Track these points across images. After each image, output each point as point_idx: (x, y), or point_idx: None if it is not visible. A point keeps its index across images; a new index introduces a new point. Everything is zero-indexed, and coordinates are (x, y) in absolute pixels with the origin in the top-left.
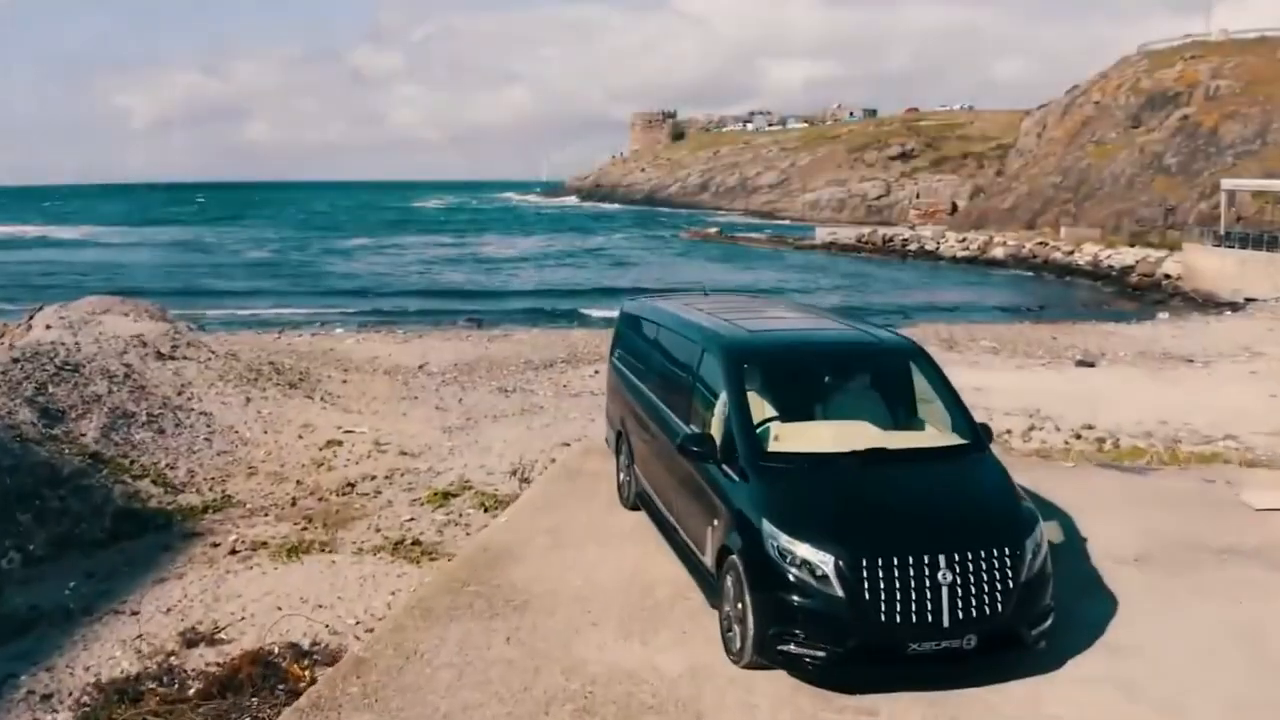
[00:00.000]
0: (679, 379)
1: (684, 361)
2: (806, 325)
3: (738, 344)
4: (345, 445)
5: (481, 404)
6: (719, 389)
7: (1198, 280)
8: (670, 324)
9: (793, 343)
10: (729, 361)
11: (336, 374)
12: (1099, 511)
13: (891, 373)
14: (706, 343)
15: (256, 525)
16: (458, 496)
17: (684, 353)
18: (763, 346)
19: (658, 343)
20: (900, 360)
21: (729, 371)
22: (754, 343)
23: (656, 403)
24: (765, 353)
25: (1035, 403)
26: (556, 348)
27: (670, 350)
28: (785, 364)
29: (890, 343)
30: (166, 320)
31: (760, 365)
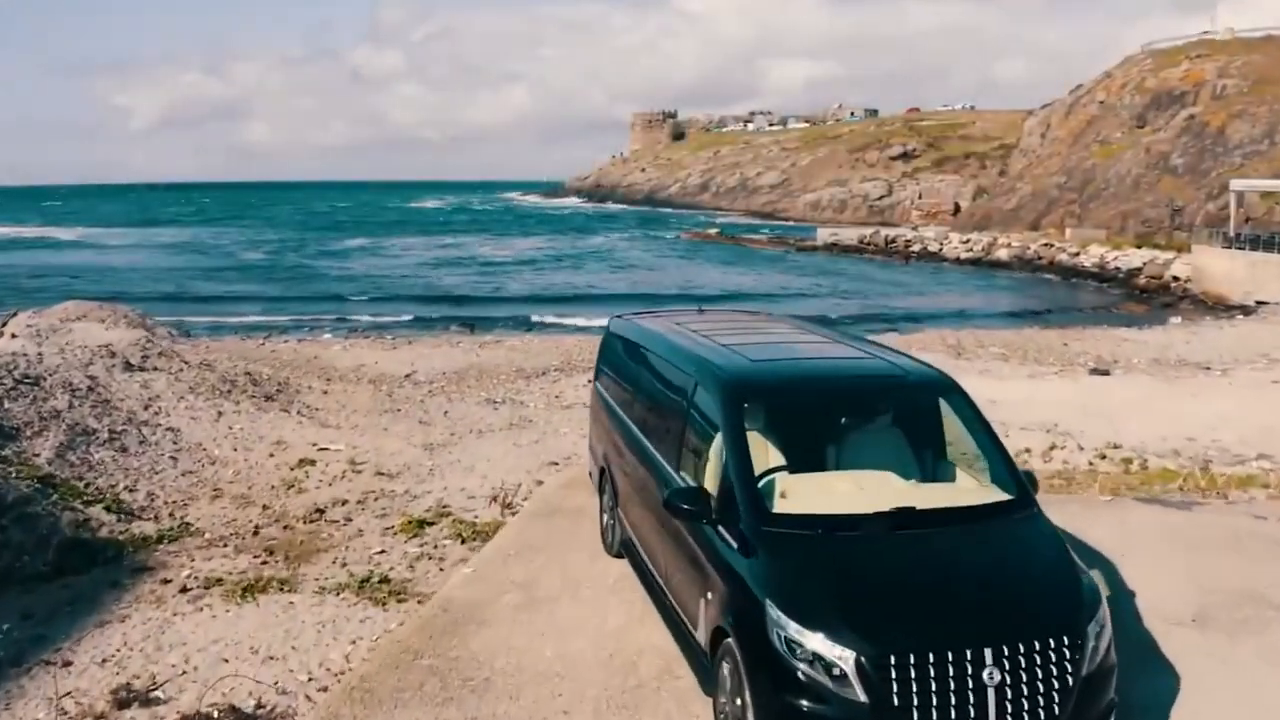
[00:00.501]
0: (668, 415)
1: (674, 395)
2: (818, 352)
3: (737, 377)
4: (319, 465)
5: (468, 417)
6: (714, 431)
7: (1207, 283)
8: (659, 349)
9: (803, 375)
10: (727, 398)
11: (318, 384)
12: (1145, 557)
13: (919, 411)
14: (700, 374)
15: (213, 558)
16: (434, 525)
17: (674, 384)
18: (767, 380)
19: (645, 369)
20: (929, 396)
21: (727, 410)
22: (756, 375)
23: (642, 441)
24: (770, 388)
25: (1052, 416)
26: (550, 355)
27: (659, 380)
28: (794, 401)
29: (918, 375)
30: (145, 327)
31: (764, 403)
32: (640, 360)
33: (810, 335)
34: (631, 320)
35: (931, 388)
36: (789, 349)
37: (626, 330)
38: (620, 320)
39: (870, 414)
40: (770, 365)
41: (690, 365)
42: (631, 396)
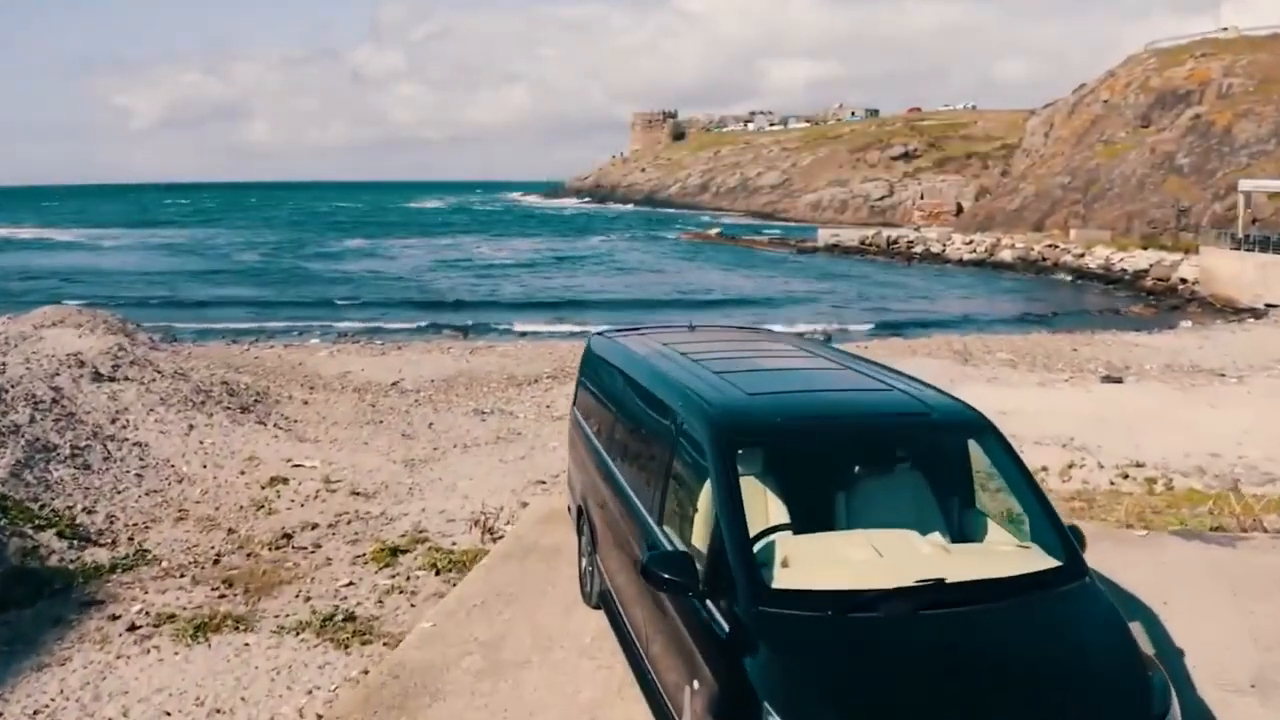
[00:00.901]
0: (651, 456)
1: (658, 432)
2: (826, 382)
3: (730, 416)
4: (291, 484)
5: (454, 429)
6: (702, 479)
7: (1216, 285)
8: (642, 375)
9: (808, 413)
10: (718, 442)
11: (299, 393)
12: (1190, 605)
13: (945, 455)
14: (687, 410)
15: (168, 590)
16: (408, 553)
17: (658, 419)
18: (765, 419)
19: (626, 398)
20: (957, 437)
21: (718, 457)
22: (753, 414)
23: (621, 483)
24: (769, 429)
25: (1067, 429)
26: (542, 361)
27: (641, 412)
28: (798, 446)
29: (944, 412)
30: (124, 333)
31: (762, 447)
32: (621, 387)
33: (816, 360)
34: (613, 339)
35: (960, 427)
36: (792, 378)
37: (607, 350)
38: (601, 338)
39: (889, 459)
40: (769, 400)
41: (676, 398)
42: (610, 429)
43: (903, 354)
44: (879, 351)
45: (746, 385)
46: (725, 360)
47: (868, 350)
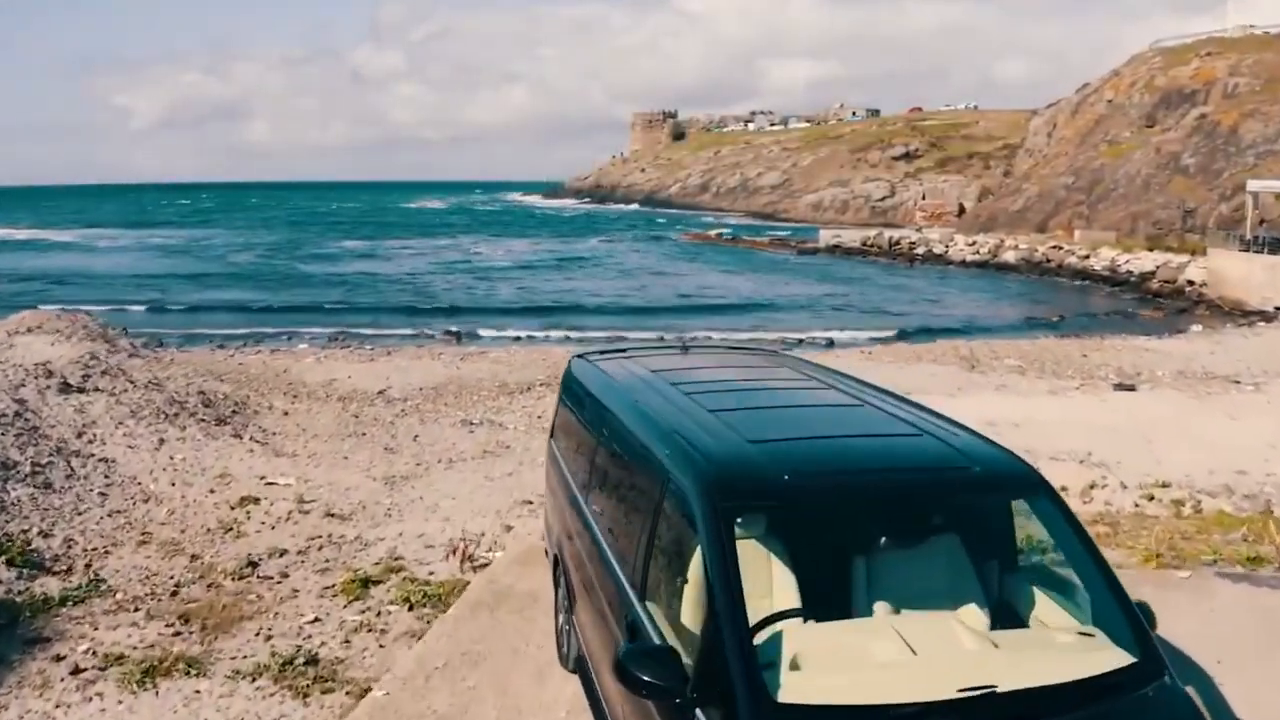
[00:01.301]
0: (632, 512)
1: (640, 483)
2: (843, 424)
3: (727, 471)
4: (263, 504)
5: (440, 442)
6: (693, 548)
7: (1224, 287)
8: (624, 411)
9: (824, 467)
10: (712, 506)
11: (281, 402)
12: (1248, 665)
13: (989, 517)
14: (675, 460)
15: (120, 626)
16: (381, 584)
17: (640, 468)
18: (771, 477)
19: (605, 437)
20: (1002, 495)
21: (712, 525)
22: (755, 468)
23: (600, 540)
24: (775, 489)
25: (1083, 442)
26: (535, 368)
27: (622, 457)
28: (811, 510)
29: (988, 465)
30: (105, 339)
31: (767, 513)
32: (601, 423)
33: (829, 392)
34: (595, 363)
35: (1008, 484)
36: (801, 418)
37: (588, 377)
38: (581, 362)
39: (921, 525)
40: (775, 450)
41: (662, 444)
42: (588, 472)
43: (908, 360)
44: (883, 357)
45: (747, 428)
46: (722, 393)
47: (871, 357)
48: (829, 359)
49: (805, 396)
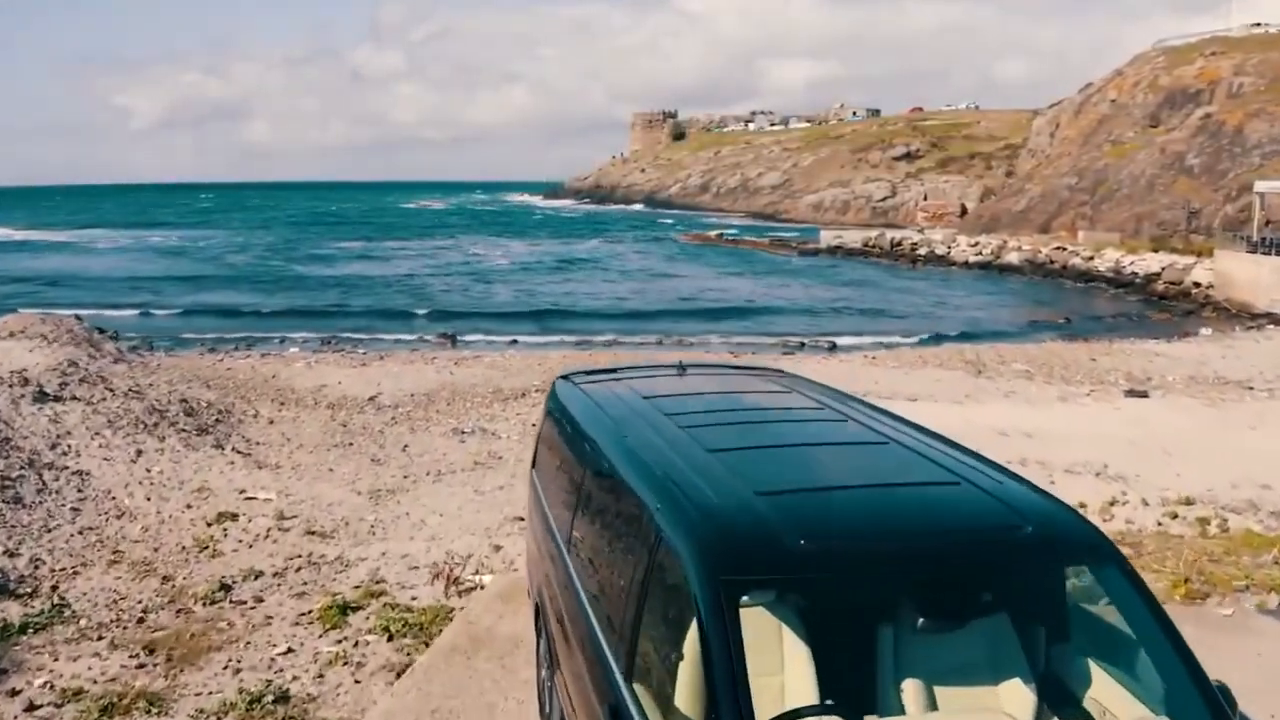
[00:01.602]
0: (619, 572)
1: (628, 538)
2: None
3: (729, 536)
4: (241, 520)
5: (429, 452)
6: (689, 622)
7: (1231, 289)
8: (610, 448)
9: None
10: (710, 579)
11: (267, 410)
12: None
13: (1042, 586)
14: (667, 515)
15: (82, 656)
16: (360, 610)
17: (628, 519)
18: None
19: (589, 477)
20: (1058, 562)
21: (712, 603)
22: (763, 531)
23: (583, 600)
24: (788, 558)
25: (1098, 453)
26: (531, 373)
27: (607, 502)
28: (832, 584)
29: (1045, 525)
30: (89, 343)
31: (779, 586)
32: (584, 459)
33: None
34: (581, 386)
35: (1066, 547)
36: (817, 461)
37: (572, 402)
38: (567, 384)
39: (964, 597)
40: (788, 505)
41: (653, 493)
42: (570, 516)
43: (913, 365)
44: (887, 362)
45: (753, 474)
46: (723, 427)
47: (875, 362)
48: (832, 364)
49: (820, 431)
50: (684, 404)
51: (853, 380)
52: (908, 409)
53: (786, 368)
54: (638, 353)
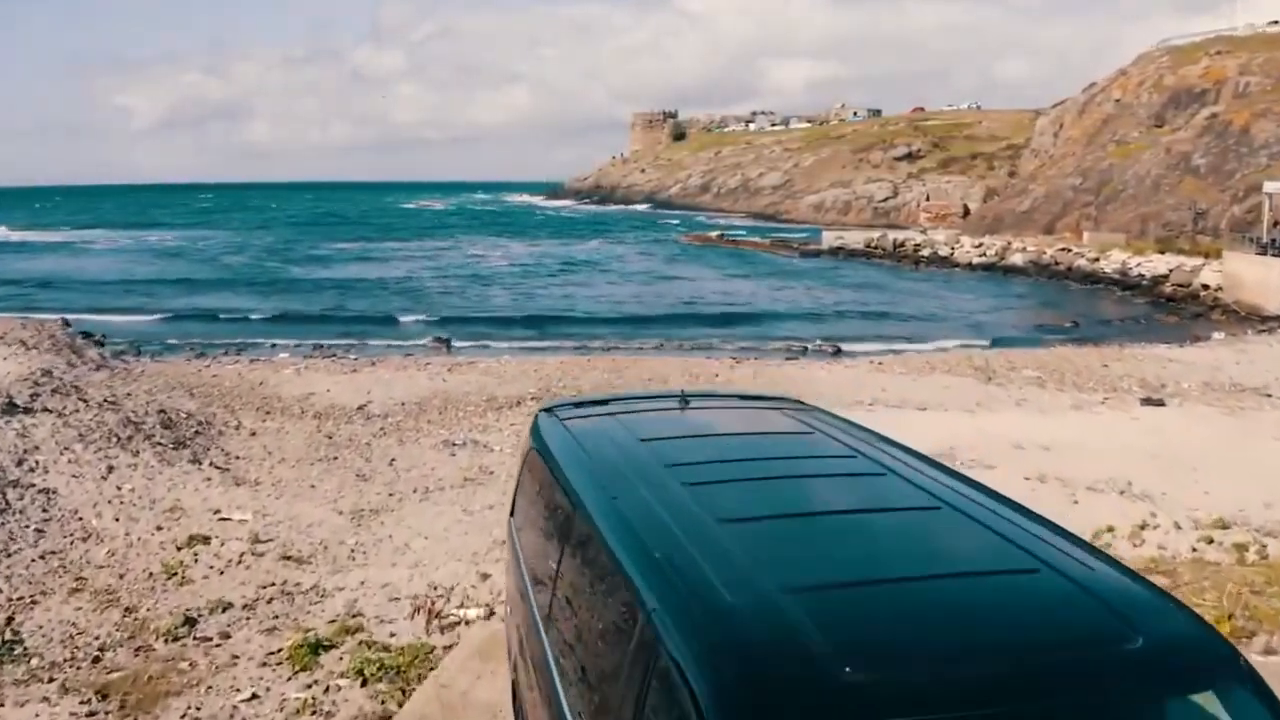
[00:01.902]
0: (607, 678)
1: (620, 639)
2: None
3: (753, 656)
4: (213, 543)
5: (418, 466)
6: None
7: (1241, 291)
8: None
9: (907, 647)
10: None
11: (250, 420)
12: None
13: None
14: (669, 620)
15: (29, 702)
16: (333, 649)
17: (620, 615)
18: (824, 666)
19: (573, 544)
20: (1178, 689)
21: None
22: (797, 647)
23: (561, 704)
24: (831, 694)
25: (1120, 469)
26: (527, 380)
27: (593, 585)
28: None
29: (1157, 638)
30: (71, 349)
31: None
32: (568, 520)
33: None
34: (566, 423)
35: (1190, 670)
36: (857, 534)
37: (556, 443)
38: (550, 420)
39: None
40: (827, 608)
41: (651, 585)
42: (550, 589)
43: (920, 371)
44: (894, 368)
45: (779, 557)
46: (737, 485)
47: (882, 368)
48: (838, 370)
49: (856, 491)
50: (688, 450)
51: (860, 388)
52: (917, 418)
53: (791, 373)
54: (638, 358)
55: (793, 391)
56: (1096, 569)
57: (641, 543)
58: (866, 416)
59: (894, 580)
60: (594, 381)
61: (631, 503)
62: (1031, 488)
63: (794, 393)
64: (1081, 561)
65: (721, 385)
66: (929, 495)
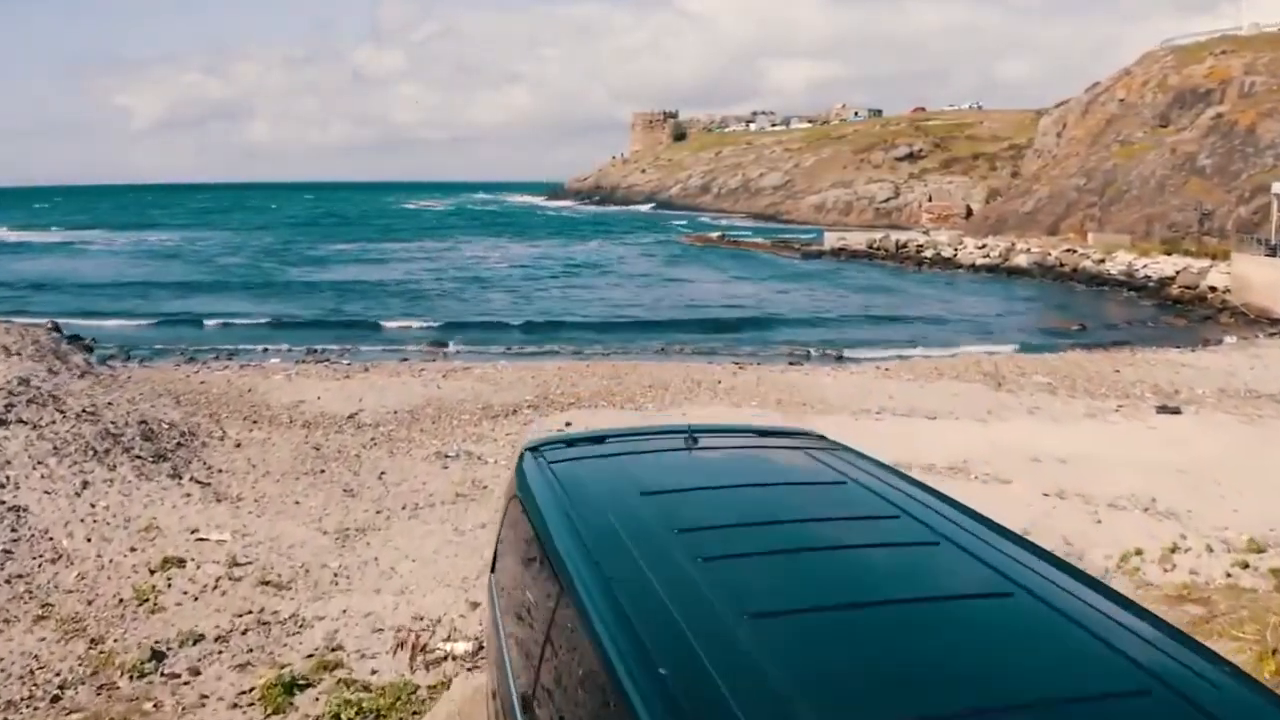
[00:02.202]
0: None
1: None
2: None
3: None
4: (189, 566)
5: (408, 480)
6: None
7: (1249, 293)
8: (589, 595)
9: None
10: None
11: (236, 430)
12: None
13: None
14: None
15: None
16: (309, 689)
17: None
18: None
19: (559, 625)
20: None
21: None
22: None
23: None
24: None
25: (1142, 482)
26: (524, 386)
27: (577, 678)
28: None
29: None
30: (55, 354)
31: None
32: (550, 595)
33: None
34: (554, 467)
35: None
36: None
37: (542, 492)
38: (535, 462)
39: None
40: None
41: (654, 711)
42: (533, 671)
43: (928, 377)
44: (901, 374)
45: (822, 668)
46: (762, 559)
47: (889, 374)
48: (843, 376)
49: (906, 565)
50: (701, 509)
51: (866, 395)
52: (927, 428)
53: (795, 380)
54: (638, 363)
55: (797, 399)
56: (1225, 688)
57: (643, 650)
58: (875, 426)
59: (978, 713)
60: (592, 388)
61: (632, 588)
62: (1051, 505)
63: (799, 400)
64: (1204, 677)
65: (726, 391)
66: (994, 569)
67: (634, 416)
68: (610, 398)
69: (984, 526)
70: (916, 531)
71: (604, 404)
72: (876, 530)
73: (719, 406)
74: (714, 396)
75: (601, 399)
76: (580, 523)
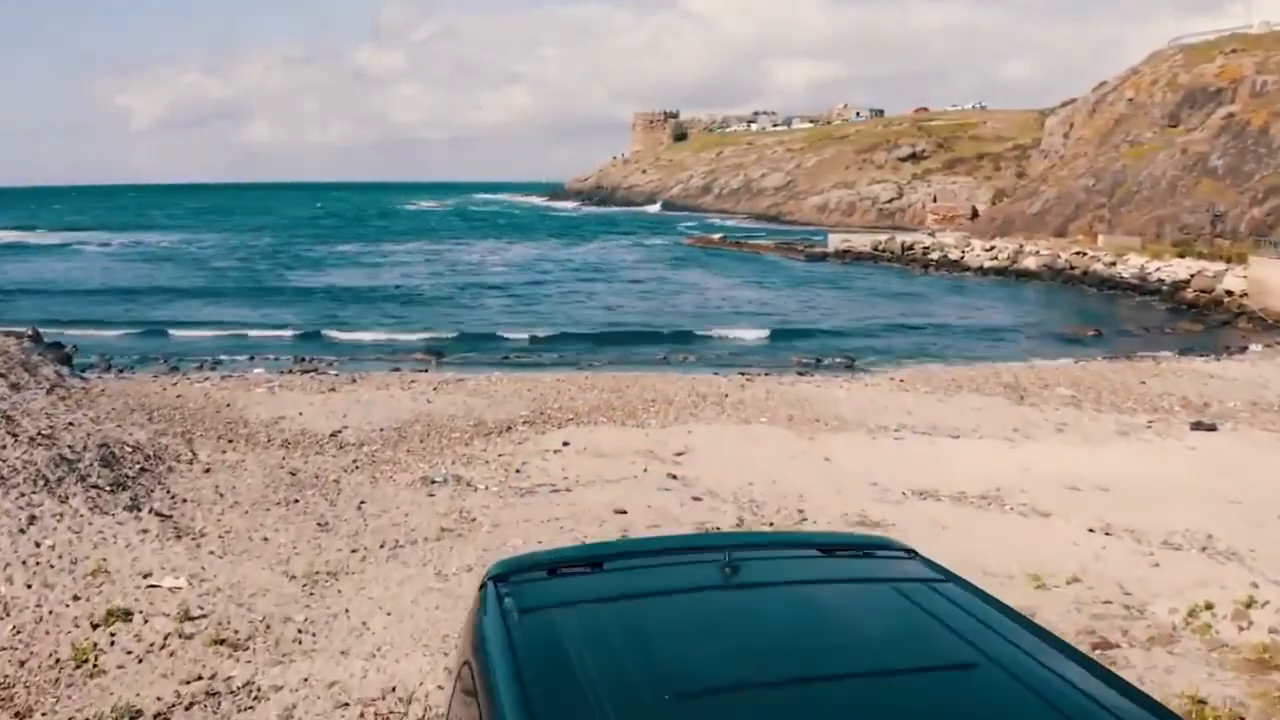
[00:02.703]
0: None
1: None
2: None
3: None
4: (136, 620)
5: (389, 511)
6: None
7: (1267, 298)
8: None
9: None
10: None
11: (207, 453)
12: None
13: None
14: None
15: None
16: None
17: None
18: None
19: None
20: None
21: None
22: None
23: None
24: None
25: (1195, 516)
26: (519, 400)
27: None
28: None
29: None
30: (25, 367)
31: None
32: None
33: None
34: (526, 620)
35: None
36: None
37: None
38: (502, 608)
39: None
40: None
41: None
42: None
43: (947, 389)
44: (919, 386)
45: None
46: None
47: (905, 385)
48: (856, 389)
49: None
50: (750, 710)
51: (883, 410)
52: (951, 449)
53: (806, 392)
54: (640, 374)
55: (809, 415)
56: None
57: None
58: (897, 446)
59: None
60: (592, 402)
61: None
62: (1100, 544)
63: (811, 416)
64: None
65: (733, 406)
66: None
67: (636, 434)
68: (610, 412)
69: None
70: None
71: (604, 420)
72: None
73: (726, 423)
74: (720, 411)
75: (601, 414)
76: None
